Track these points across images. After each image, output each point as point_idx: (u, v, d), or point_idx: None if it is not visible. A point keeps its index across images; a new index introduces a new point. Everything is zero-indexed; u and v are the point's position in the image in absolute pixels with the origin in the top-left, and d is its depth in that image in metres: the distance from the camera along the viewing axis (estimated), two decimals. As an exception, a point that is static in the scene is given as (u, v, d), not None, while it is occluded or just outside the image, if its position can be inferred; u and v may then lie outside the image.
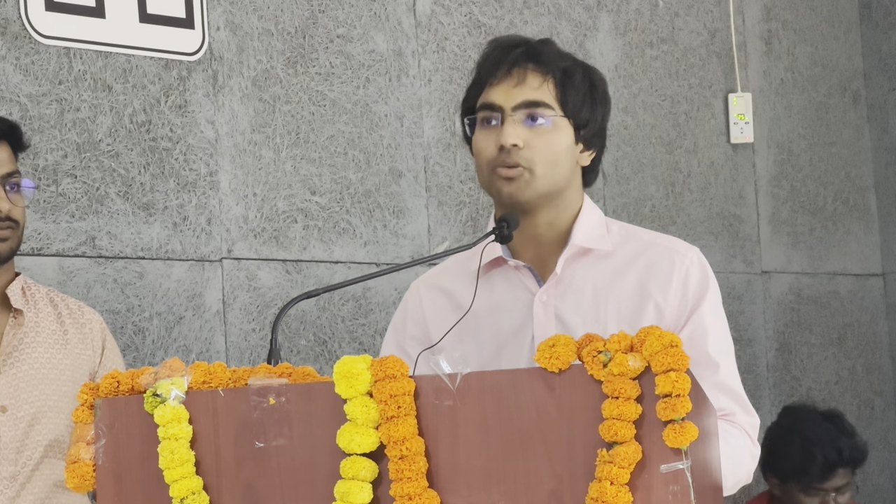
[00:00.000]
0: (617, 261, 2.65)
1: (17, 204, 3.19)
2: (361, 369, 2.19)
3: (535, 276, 2.65)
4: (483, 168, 2.62)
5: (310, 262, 4.26)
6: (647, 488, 2.11)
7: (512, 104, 2.60)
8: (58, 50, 3.86)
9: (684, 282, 2.62)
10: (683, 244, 2.70)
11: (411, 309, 2.75)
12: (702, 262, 2.67)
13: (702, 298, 2.62)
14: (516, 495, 2.16)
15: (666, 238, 2.73)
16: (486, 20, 4.72)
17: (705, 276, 2.66)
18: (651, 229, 5.10)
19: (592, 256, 2.65)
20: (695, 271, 2.64)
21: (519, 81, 2.61)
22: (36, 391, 3.17)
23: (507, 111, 2.60)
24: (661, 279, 2.62)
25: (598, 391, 2.13)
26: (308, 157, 4.29)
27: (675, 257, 2.65)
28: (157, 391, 2.28)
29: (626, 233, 2.70)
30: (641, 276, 2.63)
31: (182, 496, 2.26)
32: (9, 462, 3.13)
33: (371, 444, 2.18)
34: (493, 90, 2.62)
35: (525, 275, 2.65)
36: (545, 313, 2.62)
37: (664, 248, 2.67)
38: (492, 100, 2.61)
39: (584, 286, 2.63)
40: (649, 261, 2.65)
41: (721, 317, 2.65)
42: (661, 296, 2.61)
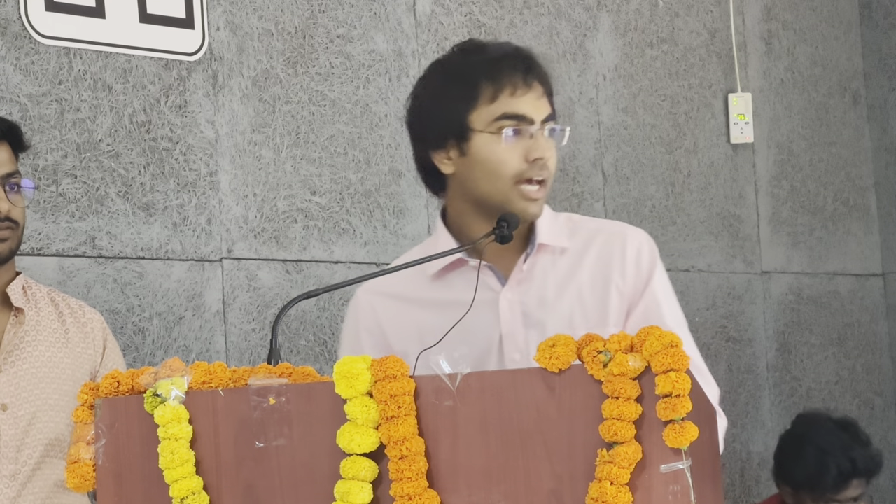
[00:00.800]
0: (572, 253, 2.68)
1: (17, 204, 3.19)
2: (361, 369, 2.19)
3: (496, 274, 2.65)
4: (503, 179, 2.59)
5: (310, 262, 4.26)
6: (647, 488, 2.11)
7: (541, 117, 2.60)
8: (58, 50, 3.86)
9: (636, 261, 2.66)
10: (630, 227, 2.74)
11: (364, 319, 2.71)
12: (650, 241, 2.71)
13: (652, 273, 2.66)
14: (516, 495, 2.16)
15: (611, 223, 2.76)
16: (486, 20, 4.72)
17: (653, 253, 2.70)
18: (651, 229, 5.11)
19: (548, 251, 2.67)
20: (645, 250, 2.68)
21: (540, 94, 2.62)
22: (37, 390, 3.17)
23: (537, 123, 2.59)
24: (616, 262, 2.65)
25: (598, 391, 2.13)
26: (308, 158, 4.29)
27: (626, 240, 2.68)
28: (158, 391, 2.28)
29: (574, 224, 2.72)
30: (597, 264, 2.66)
31: (182, 496, 2.26)
32: (9, 461, 3.13)
33: (371, 444, 2.18)
34: (518, 101, 2.59)
35: (487, 274, 2.64)
36: (511, 311, 2.62)
37: (613, 234, 2.70)
38: (522, 111, 2.58)
39: (546, 281, 2.65)
40: (601, 247, 2.67)
41: (671, 291, 2.70)
42: (620, 278, 2.64)
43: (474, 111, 2.60)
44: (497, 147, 2.59)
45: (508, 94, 2.59)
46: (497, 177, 2.59)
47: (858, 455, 4.41)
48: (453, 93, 2.62)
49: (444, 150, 2.65)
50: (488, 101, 2.59)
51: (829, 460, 4.37)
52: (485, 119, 2.59)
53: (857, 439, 4.48)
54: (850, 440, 4.46)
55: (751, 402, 5.26)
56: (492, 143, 2.59)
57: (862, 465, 4.40)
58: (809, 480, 4.39)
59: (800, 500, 4.45)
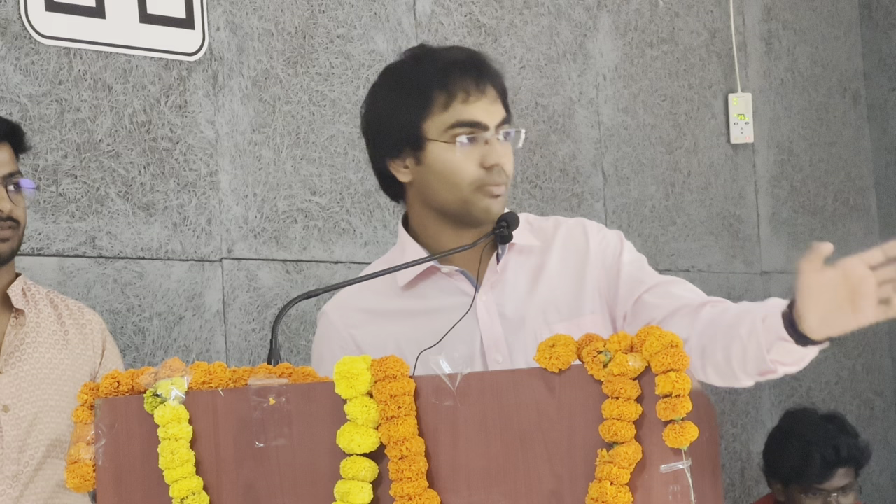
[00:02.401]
0: (538, 252, 2.68)
1: (18, 204, 3.19)
2: (361, 369, 2.19)
3: (468, 278, 2.64)
4: (461, 186, 2.57)
5: (310, 263, 4.26)
6: (647, 488, 2.11)
7: (495, 122, 2.59)
8: (58, 50, 3.86)
9: (601, 244, 2.66)
10: (578, 217, 2.75)
11: (337, 337, 2.67)
12: (601, 225, 2.72)
13: (621, 250, 2.66)
14: (516, 495, 2.16)
15: (565, 218, 2.76)
16: (486, 20, 4.72)
17: (612, 232, 2.71)
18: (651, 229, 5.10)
19: (516, 251, 2.67)
20: (604, 232, 2.69)
21: (493, 98, 2.60)
22: (38, 391, 3.18)
23: (491, 129, 2.58)
24: (582, 250, 2.66)
25: (598, 391, 2.13)
26: (308, 158, 4.29)
27: (586, 227, 2.69)
28: (157, 391, 2.28)
29: (531, 223, 2.72)
30: (563, 256, 2.67)
31: (182, 496, 2.26)
32: (11, 461, 3.13)
33: (371, 445, 2.18)
34: (470, 107, 2.57)
35: (458, 279, 2.63)
36: (489, 314, 2.62)
37: (569, 225, 2.71)
38: (476, 118, 2.57)
39: (517, 281, 2.65)
40: (563, 241, 2.68)
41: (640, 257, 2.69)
42: (588, 265, 2.65)
43: (428, 119, 2.58)
44: (452, 156, 2.57)
45: (461, 101, 2.56)
46: (454, 185, 2.58)
47: (842, 443, 4.43)
48: (406, 101, 2.60)
49: (401, 158, 2.63)
50: (441, 109, 2.57)
51: (812, 450, 4.39)
52: (438, 128, 2.57)
53: (842, 430, 4.50)
54: (835, 430, 4.49)
55: (751, 402, 5.26)
56: (447, 152, 2.57)
57: (846, 454, 4.41)
58: (795, 472, 4.41)
59: (790, 495, 4.46)
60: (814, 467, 4.38)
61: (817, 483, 4.39)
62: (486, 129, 2.57)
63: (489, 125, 2.57)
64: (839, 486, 4.40)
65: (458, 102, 2.57)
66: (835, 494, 4.40)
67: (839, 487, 4.40)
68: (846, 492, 4.42)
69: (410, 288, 2.65)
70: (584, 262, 2.65)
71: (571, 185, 4.82)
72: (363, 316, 2.67)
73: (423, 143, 2.58)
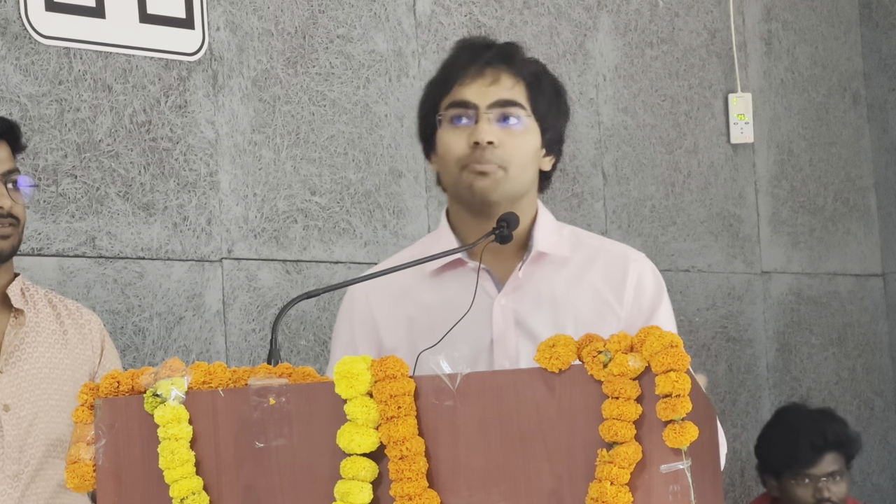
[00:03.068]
0: (572, 266, 2.66)
1: (18, 201, 3.19)
2: (361, 369, 2.19)
3: (493, 279, 2.64)
4: (451, 166, 2.60)
5: (310, 263, 4.26)
6: (647, 488, 2.11)
7: (487, 102, 2.60)
8: (58, 50, 3.86)
9: (636, 287, 2.64)
10: (633, 250, 2.72)
11: (359, 311, 2.71)
12: (653, 269, 2.70)
13: (658, 305, 2.65)
14: (516, 495, 2.16)
15: (614, 244, 2.74)
16: (486, 20, 4.72)
17: (658, 282, 2.68)
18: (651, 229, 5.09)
19: (548, 262, 2.66)
20: (647, 277, 2.67)
21: (493, 81, 2.61)
22: (38, 391, 3.18)
23: (481, 109, 2.59)
24: (616, 286, 2.64)
25: (598, 391, 2.13)
26: (308, 158, 4.29)
27: (628, 263, 2.67)
28: (158, 391, 2.28)
29: (577, 238, 2.71)
30: (597, 283, 2.65)
31: (182, 496, 2.26)
32: (12, 461, 3.13)
33: (371, 445, 2.18)
34: (465, 89, 2.60)
35: (483, 278, 2.63)
36: (504, 317, 2.62)
37: (615, 255, 2.69)
38: (465, 97, 2.60)
39: (542, 291, 2.64)
40: (603, 267, 2.66)
41: (674, 324, 2.67)
42: (617, 304, 2.63)
43: (440, 104, 2.64)
44: (447, 136, 2.62)
45: (459, 83, 2.61)
46: (446, 163, 2.62)
47: (829, 428, 4.47)
48: (431, 91, 2.67)
49: (434, 150, 2.68)
50: (446, 92, 2.63)
51: (799, 436, 4.44)
52: (441, 111, 2.63)
53: (829, 418, 4.55)
54: (822, 418, 4.54)
55: (751, 402, 5.26)
56: (444, 133, 2.62)
57: (833, 438, 4.45)
58: (785, 460, 4.44)
59: (784, 487, 4.47)
60: (802, 451, 4.41)
61: (806, 468, 4.41)
62: (474, 109, 2.59)
63: (479, 105, 2.59)
64: (828, 471, 4.42)
65: (457, 85, 2.61)
66: (824, 480, 4.41)
67: (828, 473, 4.42)
68: (836, 480, 4.43)
69: (437, 276, 2.66)
70: (616, 296, 2.63)
71: (571, 185, 4.82)
72: (385, 294, 2.69)
73: (436, 128, 2.64)
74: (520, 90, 2.62)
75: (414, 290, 2.67)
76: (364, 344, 2.68)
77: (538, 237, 2.65)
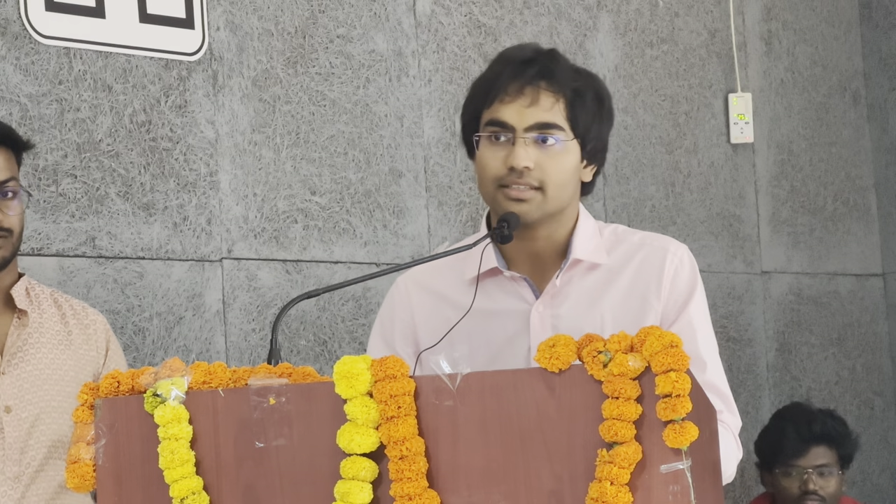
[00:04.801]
0: (610, 268, 2.66)
1: (13, 211, 3.16)
2: (361, 369, 2.19)
3: (531, 287, 2.65)
4: (488, 183, 2.60)
5: (310, 263, 4.26)
6: (647, 488, 2.11)
7: (524, 125, 2.59)
8: (58, 50, 3.86)
9: (673, 279, 2.65)
10: (674, 242, 2.71)
11: (399, 308, 2.73)
12: (691, 260, 2.70)
13: (691, 297, 2.65)
14: (516, 495, 2.16)
15: (656, 237, 2.73)
16: (486, 20, 4.72)
17: (694, 274, 2.69)
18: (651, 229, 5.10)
19: (586, 266, 2.66)
20: (684, 269, 2.67)
21: (532, 101, 2.60)
22: (40, 391, 3.17)
23: (518, 132, 2.58)
24: (652, 280, 2.64)
25: (598, 391, 2.13)
26: (308, 158, 4.29)
27: (666, 255, 2.66)
28: (158, 391, 2.28)
29: (616, 237, 2.70)
30: (633, 279, 2.65)
31: (182, 496, 2.26)
32: (13, 462, 3.13)
33: (371, 445, 2.18)
34: (504, 108, 2.59)
35: (521, 285, 2.64)
36: (542, 324, 2.62)
37: (654, 248, 2.68)
38: (503, 118, 2.59)
39: (580, 296, 2.64)
40: (640, 263, 2.66)
41: (707, 316, 2.68)
42: (655, 297, 2.63)
43: (482, 115, 2.63)
44: (486, 152, 2.61)
45: (499, 100, 2.60)
46: (485, 180, 2.62)
47: (817, 420, 4.45)
48: (474, 99, 2.66)
49: (475, 154, 2.68)
50: (488, 106, 2.61)
51: (787, 426, 4.44)
52: (482, 124, 2.62)
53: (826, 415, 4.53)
54: (815, 412, 4.53)
55: (751, 402, 5.26)
56: (483, 148, 2.62)
57: (819, 430, 4.43)
58: (773, 450, 4.44)
59: (775, 482, 4.46)
60: (788, 442, 4.41)
61: (793, 459, 4.39)
62: (511, 131, 2.58)
63: (517, 127, 2.58)
64: (815, 464, 4.39)
65: (497, 102, 2.60)
66: (810, 471, 4.38)
67: (815, 466, 4.39)
68: (824, 474, 4.39)
69: (475, 283, 2.65)
70: (653, 290, 2.63)
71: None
72: (427, 296, 2.70)
73: (478, 138, 2.63)
74: (559, 109, 2.61)
75: (454, 296, 2.67)
76: (402, 343, 2.69)
77: (577, 244, 2.65)
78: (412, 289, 2.73)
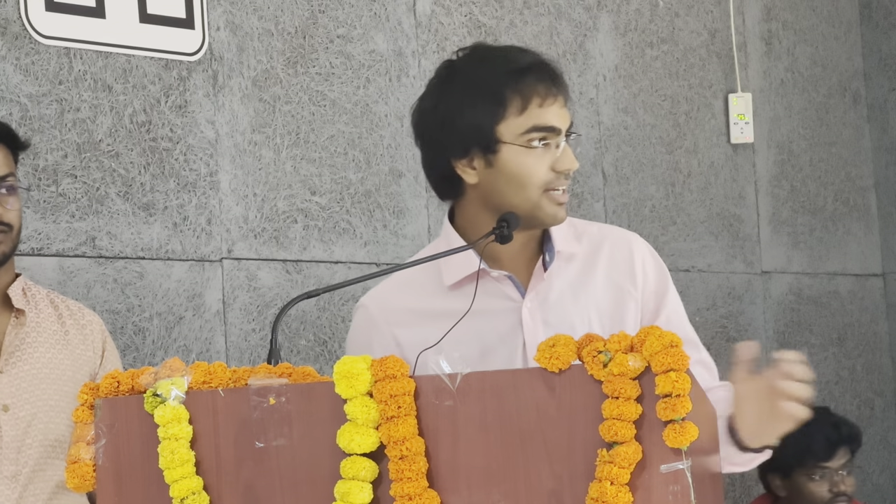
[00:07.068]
0: (582, 258, 2.68)
1: (12, 207, 3.17)
2: (361, 369, 2.19)
3: (515, 284, 2.64)
4: (530, 189, 2.57)
5: (310, 263, 4.26)
6: (648, 488, 2.11)
7: (566, 127, 2.61)
8: (58, 50, 3.86)
9: (643, 269, 2.68)
10: (629, 233, 2.75)
11: (376, 334, 2.66)
12: (650, 248, 2.73)
13: (666, 284, 2.69)
14: (516, 495, 2.16)
15: (611, 229, 2.76)
16: (486, 20, 4.72)
17: (658, 261, 2.73)
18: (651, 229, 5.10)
19: (562, 259, 2.67)
20: (651, 258, 2.71)
21: (563, 103, 2.61)
22: (37, 391, 3.17)
23: (562, 134, 2.59)
24: (627, 270, 2.67)
25: (598, 391, 2.13)
26: (308, 158, 4.29)
27: (632, 246, 2.70)
28: (158, 391, 2.28)
29: (576, 228, 2.72)
30: (608, 270, 2.67)
31: (182, 496, 2.26)
32: (10, 461, 3.13)
33: (371, 444, 2.19)
34: (546, 112, 2.58)
35: (506, 284, 2.63)
36: (533, 320, 2.62)
37: (615, 239, 2.71)
38: (551, 122, 2.57)
39: (563, 289, 2.65)
40: (609, 253, 2.69)
41: (679, 300, 2.73)
42: (632, 287, 2.66)
43: (502, 122, 2.57)
44: (527, 159, 2.57)
45: (537, 105, 2.57)
46: (526, 187, 2.58)
47: (840, 422, 4.53)
48: (479, 103, 2.58)
49: (468, 159, 2.61)
50: (517, 112, 2.57)
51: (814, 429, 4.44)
52: (514, 131, 2.57)
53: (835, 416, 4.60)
54: (829, 414, 4.59)
55: (751, 402, 5.26)
56: (521, 155, 2.58)
57: (846, 432, 4.50)
58: (799, 455, 4.45)
59: (793, 486, 4.47)
60: (818, 445, 4.43)
61: (823, 461, 4.43)
62: (559, 134, 2.59)
63: (561, 130, 2.59)
64: (841, 464, 4.45)
65: (534, 106, 2.57)
66: (842, 473, 4.43)
67: (841, 466, 4.44)
68: (848, 472, 4.46)
69: (457, 288, 2.64)
70: (628, 280, 2.66)
71: (571, 185, 4.81)
72: (407, 315, 2.66)
73: (497, 145, 2.57)
74: (567, 109, 2.64)
75: (435, 306, 2.63)
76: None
77: (557, 237, 2.66)
78: (387, 309, 2.68)
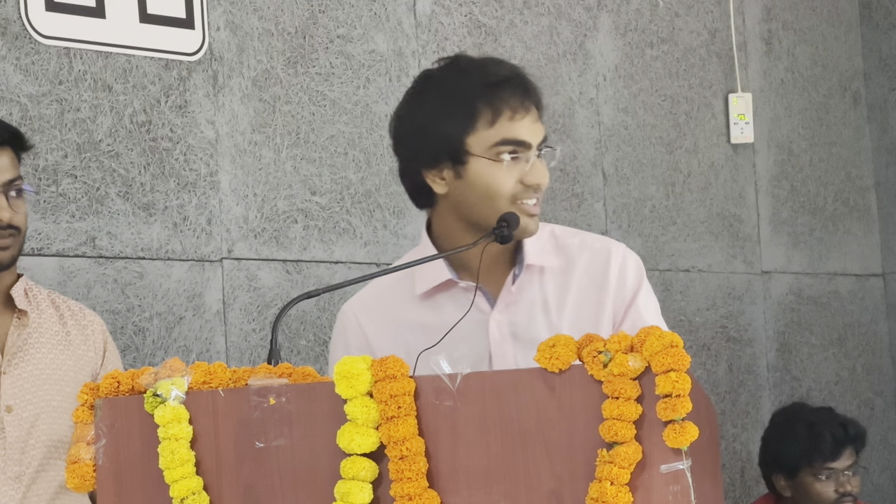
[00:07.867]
0: (559, 271, 2.66)
1: (19, 210, 3.18)
2: (362, 369, 2.19)
3: (485, 295, 2.63)
4: (501, 201, 2.56)
5: (310, 263, 4.26)
6: (648, 488, 2.11)
7: (537, 141, 2.59)
8: (58, 50, 3.86)
9: (619, 278, 2.65)
10: (614, 242, 2.72)
11: (353, 337, 2.68)
12: (635, 258, 2.69)
13: (637, 291, 2.64)
14: (516, 495, 2.16)
15: (596, 238, 2.73)
16: (486, 20, 4.72)
17: (639, 271, 2.68)
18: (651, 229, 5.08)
19: (536, 271, 2.65)
20: (628, 268, 2.67)
21: (535, 117, 2.59)
22: (40, 391, 3.18)
23: (534, 148, 2.58)
24: (601, 281, 2.64)
25: (598, 391, 2.13)
26: (308, 158, 4.29)
27: (610, 256, 2.67)
28: (158, 391, 2.28)
29: (556, 240, 2.70)
30: (584, 283, 2.65)
31: (182, 496, 2.26)
32: (14, 462, 3.13)
33: (371, 445, 2.19)
34: (516, 125, 2.56)
35: (476, 296, 2.61)
36: (500, 332, 2.61)
37: (595, 250, 2.68)
38: (521, 136, 2.56)
39: (534, 301, 2.64)
40: (586, 266, 2.66)
41: (657, 310, 2.68)
42: (606, 297, 2.63)
43: (472, 134, 2.56)
44: (496, 172, 2.56)
45: (507, 118, 2.56)
46: (494, 199, 2.57)
47: (847, 421, 4.53)
48: (450, 114, 2.57)
49: (438, 170, 2.61)
50: (487, 125, 2.56)
51: (821, 429, 4.46)
52: (483, 144, 2.56)
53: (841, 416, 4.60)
54: (834, 414, 4.59)
55: (751, 402, 5.26)
56: (490, 168, 2.57)
57: (853, 432, 4.51)
58: (806, 454, 4.44)
59: (799, 485, 4.47)
60: (825, 444, 4.43)
61: (830, 461, 4.43)
62: (529, 148, 2.57)
63: (532, 144, 2.57)
64: (847, 465, 4.45)
65: (504, 119, 2.56)
66: (848, 473, 4.43)
67: (847, 466, 4.44)
68: (854, 472, 4.47)
69: (427, 298, 2.65)
70: (603, 291, 2.64)
71: (571, 186, 4.82)
72: (381, 321, 2.67)
73: (466, 157, 2.57)
74: (541, 122, 2.62)
75: (406, 315, 2.64)
76: None
77: (528, 249, 2.64)
78: (361, 317, 2.69)
